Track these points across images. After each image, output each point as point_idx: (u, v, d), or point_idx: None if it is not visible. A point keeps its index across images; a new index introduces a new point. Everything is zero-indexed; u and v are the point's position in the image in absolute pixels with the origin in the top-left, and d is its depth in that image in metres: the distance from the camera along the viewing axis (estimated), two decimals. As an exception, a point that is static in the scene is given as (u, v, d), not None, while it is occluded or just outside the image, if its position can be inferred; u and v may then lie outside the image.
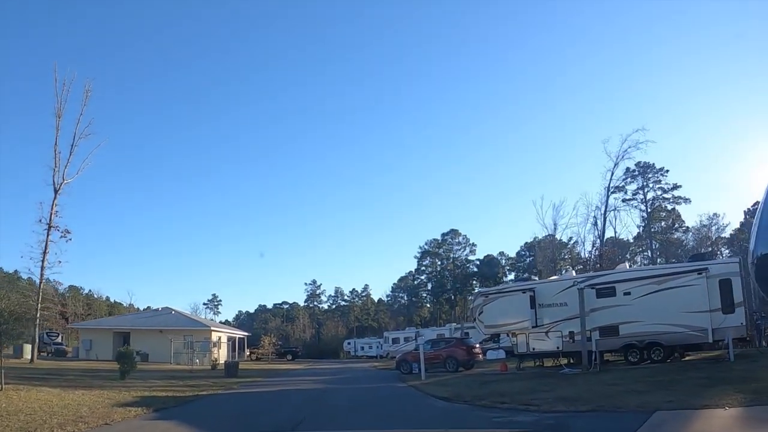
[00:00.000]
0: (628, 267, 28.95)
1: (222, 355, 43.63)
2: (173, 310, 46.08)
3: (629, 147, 48.62)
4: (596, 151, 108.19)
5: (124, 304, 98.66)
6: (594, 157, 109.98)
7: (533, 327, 22.68)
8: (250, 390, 17.29)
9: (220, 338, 43.56)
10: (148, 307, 63.61)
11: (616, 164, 52.84)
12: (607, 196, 55.11)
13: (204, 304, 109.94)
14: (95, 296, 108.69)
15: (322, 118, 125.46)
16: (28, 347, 38.63)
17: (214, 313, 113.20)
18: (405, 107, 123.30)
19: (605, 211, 55.98)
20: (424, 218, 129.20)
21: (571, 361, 23.16)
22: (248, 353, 53.14)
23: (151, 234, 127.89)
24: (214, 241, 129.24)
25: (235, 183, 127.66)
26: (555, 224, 66.77)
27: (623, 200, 70.37)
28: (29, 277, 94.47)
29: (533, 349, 23.10)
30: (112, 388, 16.21)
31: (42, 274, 31.30)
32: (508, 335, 24.12)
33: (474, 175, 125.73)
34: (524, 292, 22.96)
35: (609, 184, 54.30)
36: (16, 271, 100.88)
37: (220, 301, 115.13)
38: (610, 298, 21.93)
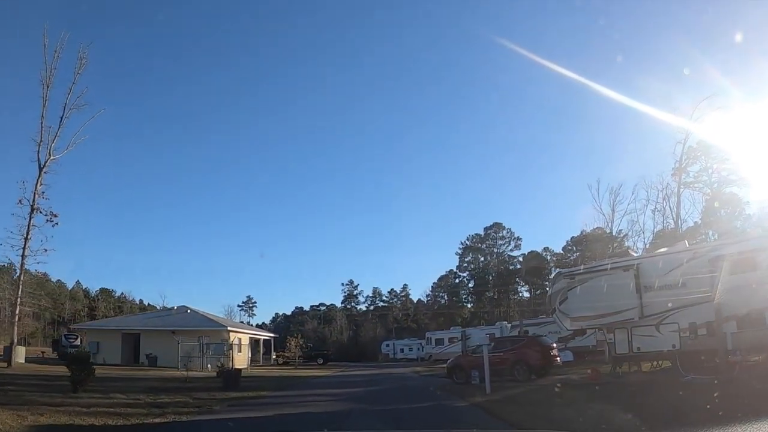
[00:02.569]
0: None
1: (242, 359, 38.42)
2: (189, 308, 41.21)
3: (699, 116, 41.50)
4: (658, 129, 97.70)
5: (157, 307, 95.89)
6: (655, 135, 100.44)
7: (639, 318, 16.26)
8: (234, 415, 11.55)
9: (240, 340, 38.36)
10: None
11: (687, 134, 45.43)
12: (680, 171, 47.57)
13: (238, 306, 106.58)
14: (127, 299, 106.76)
15: (356, 112, 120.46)
16: (21, 349, 34.62)
17: (249, 315, 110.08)
18: (440, 99, 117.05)
19: (679, 188, 48.43)
20: (465, 215, 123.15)
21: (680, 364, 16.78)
22: (274, 357, 47.92)
23: (185, 236, 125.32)
24: (250, 242, 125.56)
25: (268, 182, 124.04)
26: (613, 211, 60.02)
27: (682, 183, 62.55)
28: (58, 279, 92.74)
29: (638, 348, 16.62)
30: (33, 407, 10.90)
31: (23, 264, 26.57)
32: (602, 331, 17.55)
33: (517, 165, 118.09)
34: (626, 270, 16.49)
35: (681, 157, 46.75)
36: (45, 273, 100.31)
37: (255, 302, 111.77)
38: (750, 274, 15.33)
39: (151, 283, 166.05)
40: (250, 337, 43.03)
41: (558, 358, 19.36)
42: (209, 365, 31.39)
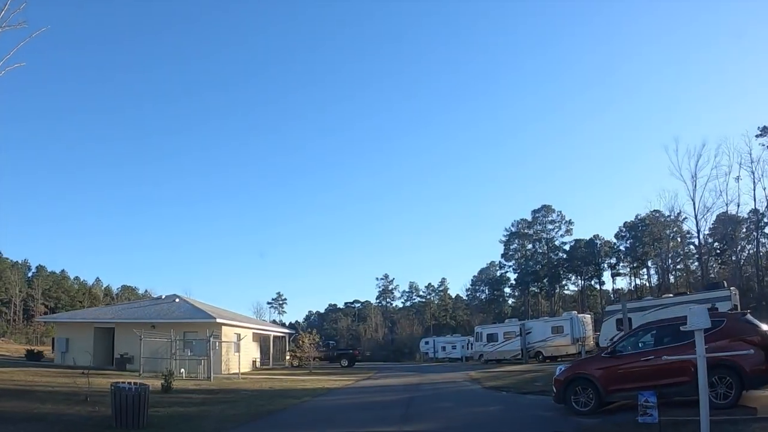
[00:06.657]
0: None
1: (243, 359, 29.99)
2: (178, 297, 33.13)
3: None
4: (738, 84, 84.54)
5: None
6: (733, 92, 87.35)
7: None
8: None
9: (238, 336, 29.93)
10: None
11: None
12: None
13: (268, 303, 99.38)
14: (152, 296, 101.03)
15: (388, 98, 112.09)
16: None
17: (279, 313, 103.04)
18: (476, 78, 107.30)
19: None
20: (506, 204, 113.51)
21: None
22: (288, 357, 39.48)
23: (215, 232, 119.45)
24: (280, 238, 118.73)
25: (300, 176, 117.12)
26: (694, 176, 50.14)
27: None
28: (76, 276, 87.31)
29: None
30: None
31: None
32: None
33: (567, 144, 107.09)
34: None
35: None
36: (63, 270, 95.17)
37: (285, 299, 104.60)
38: None
39: (179, 281, 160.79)
40: (254, 333, 34.61)
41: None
42: (183, 369, 23.13)
